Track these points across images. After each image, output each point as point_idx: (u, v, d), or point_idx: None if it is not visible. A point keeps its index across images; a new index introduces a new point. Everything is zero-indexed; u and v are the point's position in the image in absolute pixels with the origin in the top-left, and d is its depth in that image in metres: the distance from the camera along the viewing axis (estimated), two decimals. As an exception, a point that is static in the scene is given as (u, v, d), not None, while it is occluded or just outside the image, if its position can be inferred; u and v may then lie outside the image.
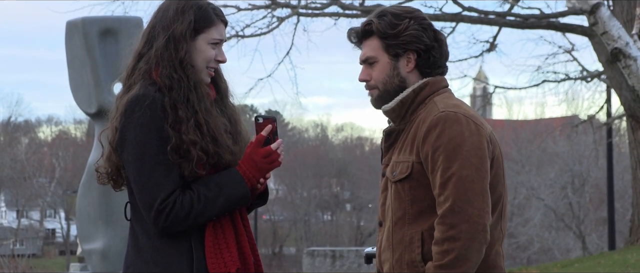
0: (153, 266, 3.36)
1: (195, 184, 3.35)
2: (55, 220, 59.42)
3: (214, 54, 3.49)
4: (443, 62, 3.52)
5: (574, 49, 22.00)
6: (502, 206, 3.43)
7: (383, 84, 3.49)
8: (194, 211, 3.31)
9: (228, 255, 3.37)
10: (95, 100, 9.51)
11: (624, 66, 8.30)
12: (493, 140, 3.42)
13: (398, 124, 3.50)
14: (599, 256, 20.00)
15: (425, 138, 3.36)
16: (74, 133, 63.60)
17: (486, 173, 3.32)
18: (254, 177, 3.42)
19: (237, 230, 3.42)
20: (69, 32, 9.72)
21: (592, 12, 8.34)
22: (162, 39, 3.43)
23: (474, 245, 3.25)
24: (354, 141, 66.97)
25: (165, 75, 3.40)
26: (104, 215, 9.47)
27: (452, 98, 3.48)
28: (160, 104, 3.34)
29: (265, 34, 19.63)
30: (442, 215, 3.28)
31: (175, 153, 3.31)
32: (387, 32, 3.46)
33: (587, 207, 37.18)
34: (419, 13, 3.49)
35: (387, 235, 3.46)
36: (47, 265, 51.50)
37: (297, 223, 54.85)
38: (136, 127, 3.32)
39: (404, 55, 3.47)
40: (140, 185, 3.33)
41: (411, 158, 3.39)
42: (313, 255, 14.64)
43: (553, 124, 36.10)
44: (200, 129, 3.37)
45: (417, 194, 3.38)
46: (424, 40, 3.45)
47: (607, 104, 22.30)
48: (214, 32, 3.49)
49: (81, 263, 10.70)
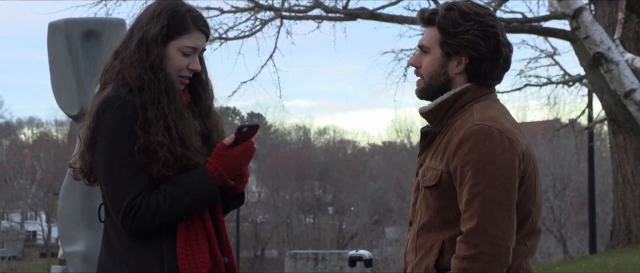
0: (125, 267, 3.35)
1: (163, 184, 3.34)
2: (36, 223, 59.20)
3: (186, 62, 3.44)
4: (495, 75, 3.40)
5: (556, 53, 22.11)
6: (531, 223, 3.36)
7: (429, 77, 3.41)
8: (161, 211, 3.30)
9: (200, 257, 3.36)
10: (77, 102, 9.47)
11: (605, 70, 8.33)
12: (528, 156, 3.32)
13: (435, 125, 3.42)
14: (580, 260, 20.08)
15: (456, 151, 3.28)
16: (55, 135, 63.42)
17: (514, 193, 3.25)
18: (226, 171, 3.39)
19: (208, 231, 3.41)
20: (51, 34, 9.68)
21: (575, 17, 8.37)
22: (136, 41, 3.42)
23: (495, 267, 3.21)
24: (337, 144, 67.01)
25: (136, 77, 3.38)
26: (86, 217, 9.43)
27: (493, 107, 3.37)
28: (131, 105, 3.33)
29: (248, 36, 19.62)
30: (467, 233, 3.22)
31: (143, 154, 3.30)
32: (447, 29, 3.35)
33: (568, 210, 37.34)
34: (489, 19, 3.36)
35: (412, 238, 3.42)
36: (28, 267, 51.31)
37: (280, 225, 54.84)
38: (106, 129, 3.32)
39: (456, 56, 3.36)
40: (108, 186, 3.33)
41: (441, 166, 3.32)
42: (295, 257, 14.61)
43: (535, 127, 36.24)
44: (169, 131, 3.34)
45: (444, 204, 3.32)
46: (480, 49, 3.33)
47: (589, 108, 22.39)
48: (186, 40, 3.42)
49: (62, 266, 10.65)
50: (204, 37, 3.48)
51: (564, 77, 22.24)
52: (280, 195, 56.34)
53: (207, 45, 3.58)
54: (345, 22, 19.73)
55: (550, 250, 36.59)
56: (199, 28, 3.46)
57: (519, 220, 3.29)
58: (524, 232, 3.34)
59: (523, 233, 3.34)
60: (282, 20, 19.50)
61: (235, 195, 3.53)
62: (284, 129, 67.28)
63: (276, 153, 60.93)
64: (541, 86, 22.30)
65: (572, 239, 36.38)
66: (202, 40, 3.47)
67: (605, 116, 18.75)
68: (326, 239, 53.54)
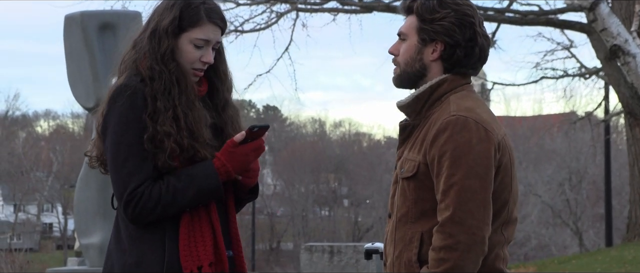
0: (128, 256, 3.37)
1: (167, 175, 3.34)
2: (53, 215, 59.41)
3: (198, 55, 3.44)
4: (470, 64, 3.41)
5: (572, 45, 22.01)
6: (507, 212, 3.38)
7: (404, 64, 3.43)
8: (162, 201, 3.31)
9: (202, 248, 3.37)
10: (93, 94, 9.51)
11: (622, 63, 8.30)
12: (504, 146, 3.35)
13: (413, 118, 3.45)
14: (596, 253, 20.03)
15: (433, 142, 3.31)
16: (71, 127, 63.61)
17: (490, 183, 3.28)
18: (233, 168, 3.39)
19: (213, 223, 3.40)
20: (68, 26, 9.71)
21: (591, 9, 8.34)
22: (149, 31, 3.43)
23: (471, 256, 3.23)
24: (352, 137, 66.97)
25: (148, 67, 3.39)
26: (102, 209, 9.47)
27: (469, 98, 3.40)
28: (141, 94, 3.35)
29: (263, 29, 19.62)
30: (442, 223, 3.25)
31: (150, 143, 3.31)
32: (424, 15, 3.39)
33: (584, 203, 37.22)
34: (466, 8, 3.39)
35: (391, 230, 3.45)
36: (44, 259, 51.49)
37: (295, 218, 54.87)
38: (116, 117, 3.34)
39: (431, 43, 3.39)
40: (113, 174, 3.36)
41: (418, 158, 3.35)
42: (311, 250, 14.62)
43: (551, 120, 36.13)
44: (178, 122, 3.35)
45: (421, 195, 3.35)
46: (455, 36, 3.36)
47: (605, 100, 22.31)
48: (198, 32, 3.42)
49: (79, 258, 10.70)
50: (218, 30, 3.46)
51: (581, 69, 22.15)
52: (295, 188, 56.36)
53: (223, 38, 3.56)
54: (361, 14, 19.73)
55: (566, 243, 36.50)
56: (213, 21, 3.45)
57: (495, 209, 3.32)
58: (500, 222, 3.36)
59: (499, 222, 3.36)
60: (298, 13, 19.50)
61: (248, 188, 3.53)
62: (300, 122, 67.33)
63: (292, 146, 60.95)
64: (557, 79, 22.22)
65: (588, 232, 36.27)
66: (216, 33, 3.46)
67: (622, 109, 18.69)
68: (342, 232, 53.54)
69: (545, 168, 37.91)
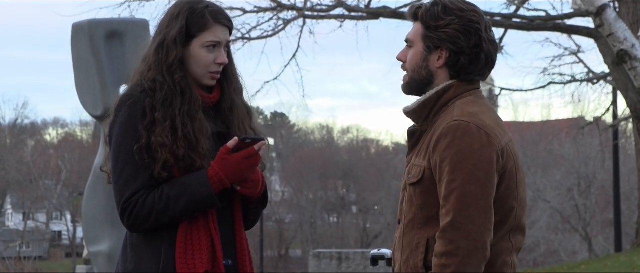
0: (129, 263, 3.43)
1: (163, 184, 3.37)
2: (62, 223, 59.50)
3: (212, 58, 3.47)
4: (477, 71, 3.41)
5: (580, 50, 21.99)
6: (515, 219, 3.36)
7: (412, 71, 3.43)
8: (156, 210, 3.34)
9: (198, 257, 3.38)
10: (101, 102, 9.52)
11: (630, 68, 8.30)
12: (508, 152, 3.33)
13: (421, 124, 3.45)
14: (606, 258, 19.99)
15: (435, 147, 3.31)
16: (80, 135, 63.73)
17: (492, 189, 3.26)
18: (227, 176, 3.38)
19: (211, 232, 3.41)
20: (75, 35, 9.72)
21: (598, 14, 8.34)
22: (156, 44, 3.46)
23: (472, 262, 3.22)
24: (360, 143, 66.97)
25: (150, 78, 3.43)
26: (110, 217, 9.47)
27: (475, 104, 3.39)
28: (140, 105, 3.38)
29: (271, 36, 19.64)
30: (443, 228, 3.25)
31: (144, 154, 3.34)
32: (429, 22, 3.39)
33: (593, 209, 37.14)
34: (471, 15, 3.39)
35: (399, 236, 3.45)
36: (53, 267, 51.57)
37: (303, 225, 54.87)
38: (118, 126, 3.40)
39: (436, 50, 3.39)
40: (113, 183, 3.40)
41: (424, 163, 3.35)
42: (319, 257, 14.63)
43: (559, 126, 36.08)
44: (175, 133, 3.37)
45: (427, 200, 3.34)
46: (459, 43, 3.36)
47: (613, 105, 22.28)
48: (207, 35, 3.45)
49: (87, 266, 10.71)
50: (226, 30, 3.50)
51: (588, 74, 22.12)
52: (304, 195, 56.37)
53: (230, 45, 3.59)
54: (368, 21, 19.73)
55: (575, 248, 36.43)
56: (220, 21, 3.48)
57: (501, 216, 3.31)
58: (508, 228, 3.35)
59: (506, 229, 3.34)
60: (304, 20, 19.51)
61: (253, 200, 3.53)
62: (308, 128, 67.38)
63: (300, 153, 60.97)
64: (565, 84, 22.19)
65: (597, 238, 36.20)
66: (225, 33, 3.49)
67: (630, 114, 18.64)
68: (350, 238, 53.52)
69: (554, 174, 37.85)
